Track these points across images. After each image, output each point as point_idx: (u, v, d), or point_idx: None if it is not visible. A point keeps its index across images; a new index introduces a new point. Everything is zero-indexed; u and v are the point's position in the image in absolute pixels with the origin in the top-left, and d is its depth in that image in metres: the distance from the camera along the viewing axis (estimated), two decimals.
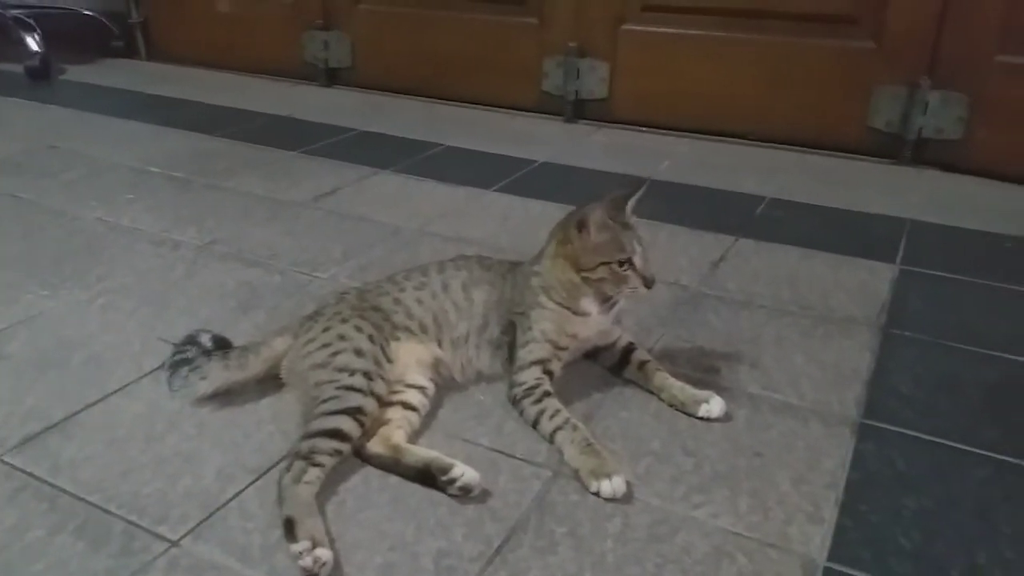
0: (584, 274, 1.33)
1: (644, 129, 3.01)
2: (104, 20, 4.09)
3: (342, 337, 1.31)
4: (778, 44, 2.73)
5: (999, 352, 1.55)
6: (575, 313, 1.37)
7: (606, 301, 1.35)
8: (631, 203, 1.36)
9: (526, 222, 2.12)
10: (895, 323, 1.65)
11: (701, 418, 1.33)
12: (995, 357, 1.54)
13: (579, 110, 3.12)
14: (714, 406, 1.33)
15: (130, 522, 1.10)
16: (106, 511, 1.12)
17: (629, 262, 1.31)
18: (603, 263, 1.31)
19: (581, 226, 1.32)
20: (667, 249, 1.99)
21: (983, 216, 2.22)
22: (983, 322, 1.67)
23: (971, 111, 2.50)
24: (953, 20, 2.46)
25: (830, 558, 1.06)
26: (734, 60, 2.81)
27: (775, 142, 2.81)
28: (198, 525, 1.10)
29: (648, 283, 1.32)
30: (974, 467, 1.24)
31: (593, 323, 1.39)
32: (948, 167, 2.58)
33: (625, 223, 1.33)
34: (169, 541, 1.07)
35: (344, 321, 1.35)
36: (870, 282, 1.83)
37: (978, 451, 1.27)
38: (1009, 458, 1.25)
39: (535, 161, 2.66)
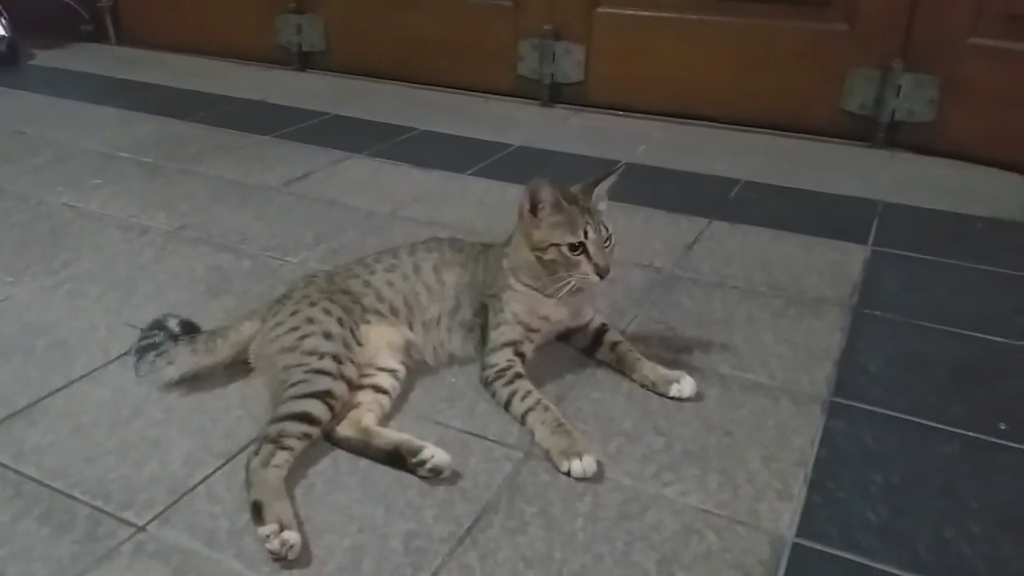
0: (536, 253, 1.32)
1: (620, 113, 3.01)
2: (73, 4, 4.01)
3: (311, 320, 1.30)
4: (752, 27, 2.73)
5: (968, 331, 1.57)
6: (543, 294, 1.36)
7: (561, 285, 1.32)
8: (600, 188, 1.35)
9: (501, 206, 2.11)
10: (866, 303, 1.66)
11: (672, 398, 1.33)
12: (963, 336, 1.55)
13: (555, 94, 3.11)
14: (685, 386, 1.33)
15: (95, 507, 1.09)
16: (71, 497, 1.11)
17: (582, 247, 1.29)
18: (553, 244, 1.30)
19: (532, 201, 1.31)
20: (642, 232, 1.99)
21: (954, 198, 2.24)
22: (952, 302, 1.68)
23: (943, 93, 2.51)
24: (926, 2, 2.47)
25: (798, 534, 1.07)
26: (708, 43, 2.80)
27: (749, 125, 2.81)
28: (165, 510, 1.09)
29: (600, 271, 1.29)
30: (941, 443, 1.25)
31: (565, 304, 1.38)
32: (920, 149, 2.59)
33: (586, 207, 1.31)
34: (135, 526, 1.06)
35: (313, 304, 1.33)
36: (842, 263, 1.84)
37: (945, 428, 1.28)
38: (975, 434, 1.27)
39: (511, 145, 2.65)
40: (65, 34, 4.04)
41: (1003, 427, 1.28)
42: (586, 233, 1.29)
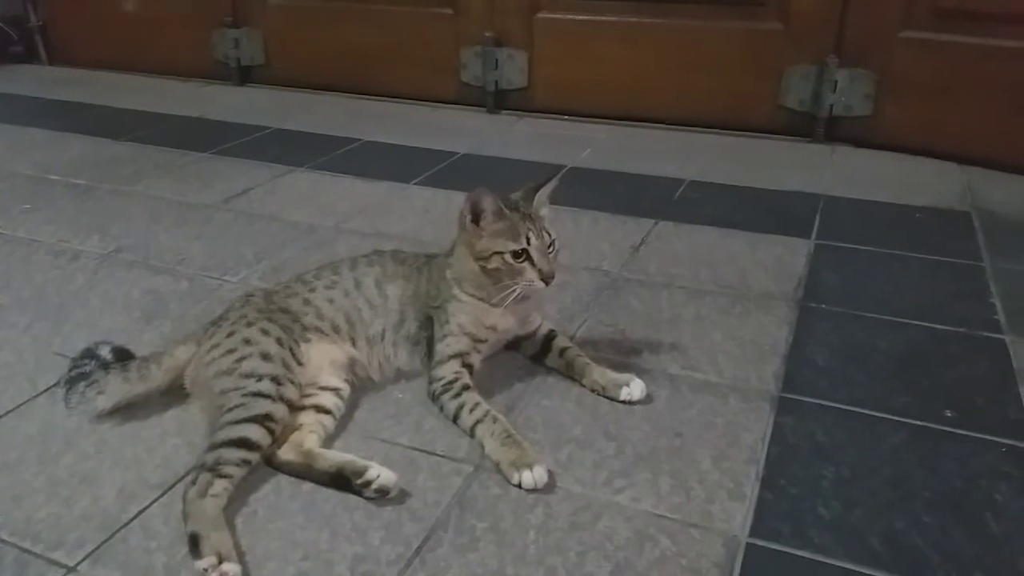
0: (480, 262, 1.30)
1: (565, 117, 3.00)
2: (1, 25, 3.88)
3: (248, 341, 1.26)
4: (689, 28, 2.75)
5: (911, 319, 1.58)
6: (489, 304, 1.34)
7: (506, 293, 1.29)
8: (541, 193, 1.33)
9: (448, 215, 2.05)
10: (811, 296, 1.68)
11: (623, 401, 1.32)
12: (906, 324, 1.57)
13: (500, 100, 3.09)
14: (635, 389, 1.32)
15: (23, 549, 1.04)
16: None
17: (525, 253, 1.27)
18: (496, 252, 1.27)
19: (474, 211, 1.29)
20: (589, 235, 1.98)
21: (893, 189, 2.27)
22: (895, 291, 1.70)
23: (878, 88, 2.56)
24: None
25: (752, 534, 1.06)
26: (647, 45, 2.82)
27: (692, 125, 2.83)
28: (96, 548, 1.04)
29: (545, 277, 1.27)
30: (889, 434, 1.26)
31: (511, 312, 1.36)
32: (859, 143, 2.64)
33: (528, 213, 1.29)
34: (65, 567, 1.01)
35: (250, 325, 1.29)
36: (786, 258, 1.86)
37: (893, 417, 1.29)
38: (921, 422, 1.28)
39: (456, 153, 2.62)
40: None
41: (949, 414, 1.30)
42: (528, 240, 1.27)
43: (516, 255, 1.27)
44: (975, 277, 1.77)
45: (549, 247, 1.29)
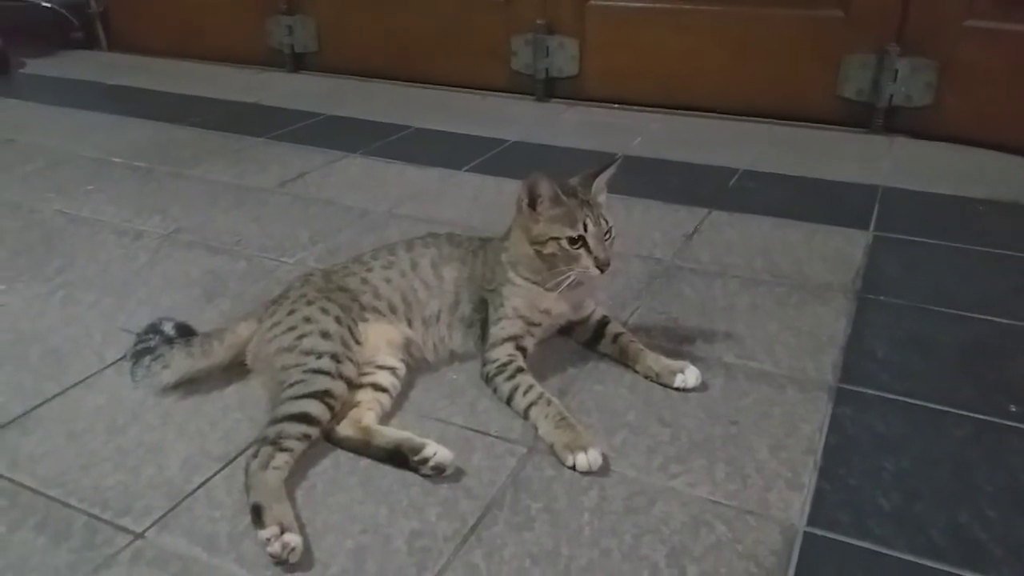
0: (536, 247, 1.30)
1: (615, 106, 2.99)
2: (63, 11, 3.99)
3: (308, 319, 1.28)
4: (745, 15, 2.71)
5: (973, 313, 1.55)
6: (544, 288, 1.34)
7: (561, 279, 1.29)
8: (599, 180, 1.33)
9: (498, 202, 2.08)
10: (870, 288, 1.64)
11: (677, 388, 1.31)
12: (968, 318, 1.53)
13: (550, 88, 3.09)
14: (689, 376, 1.31)
15: (92, 515, 1.07)
16: (67, 505, 1.09)
17: (581, 240, 1.27)
18: (553, 238, 1.28)
19: (531, 196, 1.29)
20: (641, 223, 1.97)
21: (954, 181, 2.22)
22: (956, 284, 1.66)
23: (940, 77, 2.49)
24: None
25: (810, 523, 1.05)
26: (701, 33, 2.78)
27: (746, 114, 2.79)
28: (163, 516, 1.07)
29: (600, 265, 1.27)
30: (952, 427, 1.23)
31: (564, 298, 1.36)
32: (919, 134, 2.57)
33: (586, 199, 1.29)
34: (133, 533, 1.04)
35: (310, 303, 1.31)
36: (844, 249, 1.82)
37: (955, 411, 1.26)
38: (986, 416, 1.25)
39: (507, 140, 2.62)
40: (56, 42, 4.01)
41: (1014, 409, 1.26)
42: (586, 226, 1.27)
43: (572, 241, 1.27)
44: None
45: (606, 235, 1.29)
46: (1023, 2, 2.33)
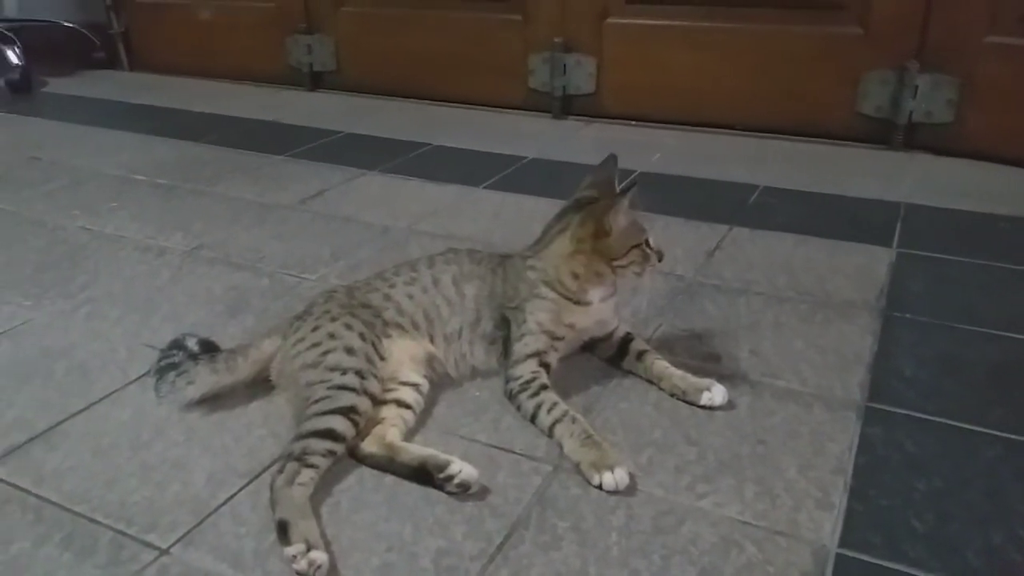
0: (617, 263, 1.32)
1: (633, 123, 2.99)
2: (85, 31, 4.05)
3: (332, 336, 1.28)
4: (764, 32, 2.71)
5: (1001, 331, 1.53)
6: (577, 303, 1.34)
7: (634, 284, 1.37)
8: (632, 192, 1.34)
9: (518, 218, 2.09)
10: (895, 305, 1.63)
11: (703, 407, 1.30)
12: (997, 336, 1.52)
13: (567, 106, 3.10)
14: (716, 394, 1.30)
15: (118, 531, 1.07)
16: (93, 521, 1.09)
17: (647, 241, 1.34)
18: (635, 246, 1.32)
19: (613, 218, 1.30)
20: (661, 240, 1.91)
21: (977, 198, 2.20)
22: (983, 302, 1.64)
23: (961, 94, 2.48)
24: (941, 3, 2.44)
25: (841, 544, 1.03)
26: (720, 50, 2.79)
27: (764, 131, 2.79)
28: (188, 532, 1.06)
29: (661, 256, 1.36)
30: (984, 447, 1.21)
31: (593, 312, 1.36)
32: (940, 151, 2.56)
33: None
34: (159, 549, 1.04)
35: (334, 320, 1.31)
36: (867, 266, 1.81)
37: (987, 431, 1.24)
38: (1017, 436, 1.23)
39: (525, 157, 2.63)
40: (78, 62, 4.08)
41: None
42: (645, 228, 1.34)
43: (648, 243, 1.33)
44: None
45: None
46: None
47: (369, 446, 1.19)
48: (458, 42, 3.22)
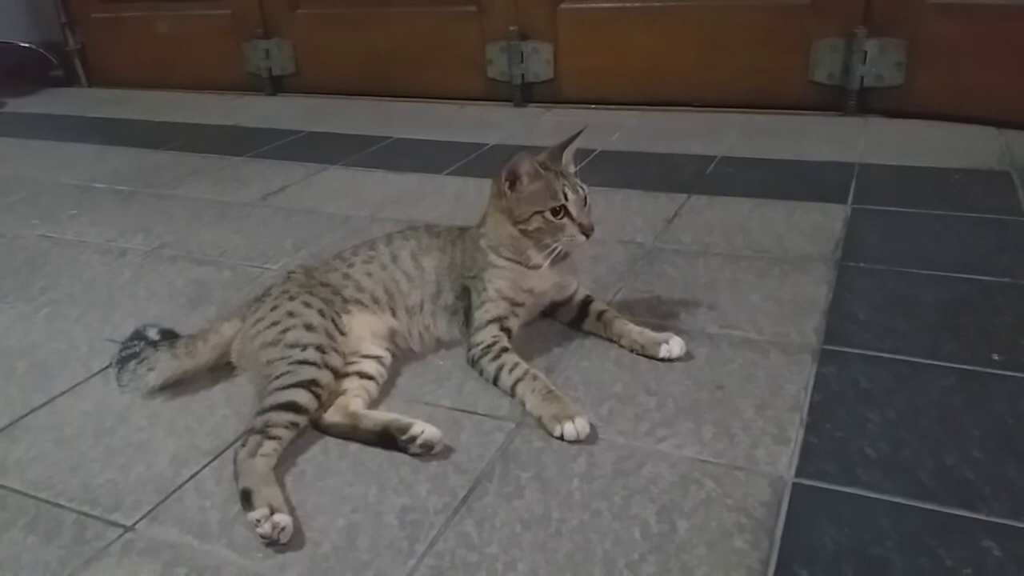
0: (520, 226, 1.32)
1: (593, 106, 3.02)
2: (42, 51, 4.02)
3: (291, 314, 1.28)
4: (713, 8, 2.75)
5: (953, 272, 1.56)
6: (527, 267, 1.35)
7: (548, 252, 1.31)
8: (567, 152, 1.36)
9: (480, 200, 2.06)
10: (850, 256, 1.66)
11: (662, 359, 1.32)
12: (950, 277, 1.55)
13: (527, 94, 3.12)
14: (674, 346, 1.32)
15: (82, 513, 1.07)
16: (57, 505, 1.08)
17: (564, 209, 1.29)
18: (536, 212, 1.30)
19: (512, 177, 1.31)
20: (621, 211, 1.99)
21: (930, 155, 2.24)
22: (936, 248, 1.68)
23: (909, 56, 2.53)
24: None
25: (798, 474, 1.05)
26: (672, 29, 2.82)
27: (721, 106, 2.83)
28: (153, 509, 1.06)
29: (585, 230, 1.29)
30: (937, 378, 1.24)
31: (547, 275, 1.37)
32: (893, 113, 2.60)
33: (559, 171, 1.32)
34: (123, 527, 1.04)
35: (292, 299, 1.32)
36: (823, 222, 1.84)
37: (939, 363, 1.27)
38: (970, 367, 1.26)
39: (486, 144, 2.65)
40: (36, 80, 4.04)
41: (996, 358, 1.27)
42: (565, 195, 1.29)
43: (555, 212, 1.29)
44: (1018, 231, 1.74)
45: (584, 201, 1.31)
46: None
47: (332, 416, 1.19)
48: (416, 37, 3.23)
